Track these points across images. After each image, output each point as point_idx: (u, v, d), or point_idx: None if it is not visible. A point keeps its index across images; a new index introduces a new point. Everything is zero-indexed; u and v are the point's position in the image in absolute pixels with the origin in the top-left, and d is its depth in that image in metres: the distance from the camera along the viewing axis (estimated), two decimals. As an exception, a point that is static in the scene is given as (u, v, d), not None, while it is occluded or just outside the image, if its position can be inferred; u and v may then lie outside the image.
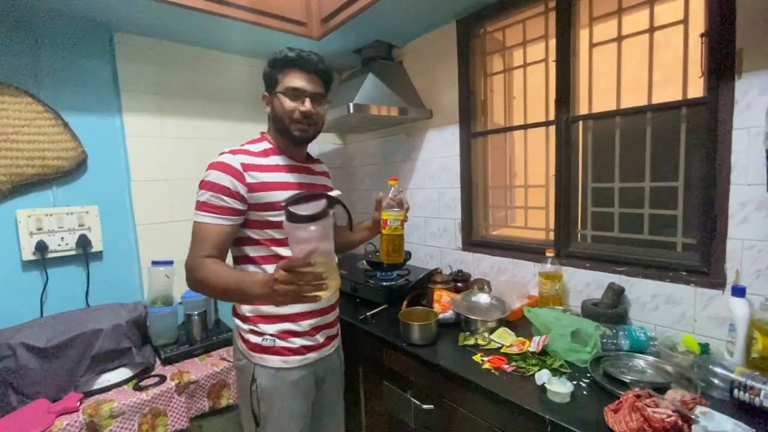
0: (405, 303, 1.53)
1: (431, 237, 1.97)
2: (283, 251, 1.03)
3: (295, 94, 1.02)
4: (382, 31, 1.81)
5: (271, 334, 1.04)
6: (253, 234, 1.03)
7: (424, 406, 1.22)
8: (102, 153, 1.62)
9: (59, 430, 1.17)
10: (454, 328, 1.37)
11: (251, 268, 1.05)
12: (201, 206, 0.96)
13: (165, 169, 1.78)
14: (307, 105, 1.03)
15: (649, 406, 0.85)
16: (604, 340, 1.17)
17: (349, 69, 2.28)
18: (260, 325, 1.05)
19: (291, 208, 0.78)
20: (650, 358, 1.08)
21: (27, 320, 1.42)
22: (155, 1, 1.36)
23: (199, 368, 1.49)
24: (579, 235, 1.49)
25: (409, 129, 2.02)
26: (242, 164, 0.98)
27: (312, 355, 1.10)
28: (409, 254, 1.85)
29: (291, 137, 1.06)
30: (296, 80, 1.02)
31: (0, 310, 1.41)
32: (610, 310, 1.27)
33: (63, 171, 1.52)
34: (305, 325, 1.07)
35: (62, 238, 1.53)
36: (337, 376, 1.24)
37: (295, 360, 1.06)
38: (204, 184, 0.97)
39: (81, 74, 1.57)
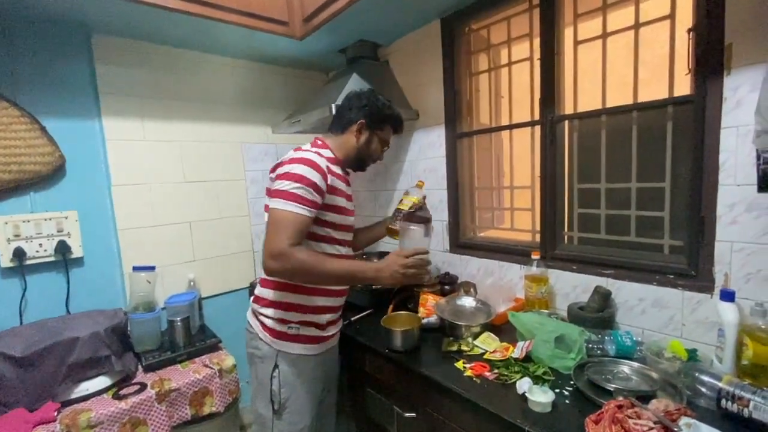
0: (390, 307, 1.51)
1: (420, 239, 1.94)
2: (328, 248, 1.14)
3: (386, 145, 1.26)
4: (365, 30, 1.77)
5: (296, 323, 1.14)
6: (312, 228, 1.10)
7: (406, 414, 1.19)
8: (81, 157, 1.59)
9: (34, 441, 1.15)
10: (438, 332, 1.34)
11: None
12: (289, 196, 1.01)
13: (147, 172, 1.75)
14: (383, 155, 1.28)
15: (630, 417, 0.82)
16: (590, 345, 1.14)
17: (335, 69, 2.25)
18: (288, 314, 1.14)
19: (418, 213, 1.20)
20: (636, 365, 1.04)
21: (5, 328, 1.40)
22: (132, 3, 1.33)
23: (181, 375, 1.47)
24: (565, 236, 1.46)
25: (396, 129, 1.99)
26: (327, 167, 1.08)
27: (326, 344, 1.22)
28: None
29: (359, 166, 1.25)
30: (390, 137, 1.26)
31: (-24, 319, 1.39)
32: (597, 314, 1.24)
33: (40, 176, 1.50)
34: (324, 318, 1.18)
35: (40, 244, 1.50)
36: (337, 367, 1.36)
37: (314, 347, 1.17)
38: (293, 176, 1.02)
39: (58, 77, 1.54)
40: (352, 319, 1.51)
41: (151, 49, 1.75)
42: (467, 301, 1.43)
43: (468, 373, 1.09)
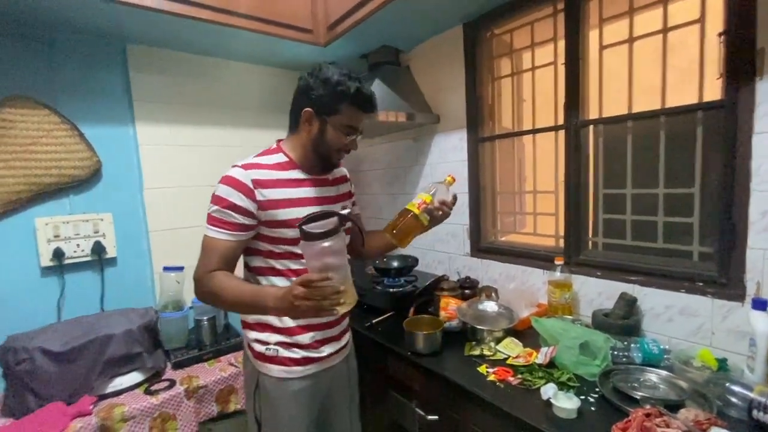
0: (412, 311, 1.52)
1: (439, 242, 1.95)
2: (294, 266, 1.02)
3: (351, 132, 1.02)
4: (388, 36, 1.80)
5: (274, 344, 1.05)
6: (266, 247, 1.02)
7: (429, 417, 1.20)
8: (116, 162, 1.67)
9: (73, 432, 1.21)
10: (460, 336, 1.35)
11: (262, 280, 1.05)
12: (210, 220, 0.96)
13: (177, 176, 1.82)
14: (356, 143, 1.05)
15: (659, 426, 0.81)
16: (615, 353, 1.13)
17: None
18: (264, 335, 1.06)
19: (305, 227, 0.82)
20: (663, 373, 1.03)
21: (45, 325, 1.47)
22: (165, 14, 1.39)
23: (208, 373, 1.51)
24: (590, 242, 1.45)
25: (416, 134, 2.00)
26: (253, 180, 0.96)
27: (313, 367, 1.08)
28: (416, 260, 1.83)
29: (327, 164, 1.06)
30: (356, 120, 1.01)
31: (20, 315, 1.47)
32: (622, 321, 1.23)
33: (79, 180, 1.57)
34: (307, 337, 1.06)
35: (78, 244, 1.58)
36: (345, 386, 1.22)
37: (296, 370, 1.06)
38: (213, 198, 0.97)
39: (95, 86, 1.62)
40: (374, 321, 1.53)
41: (181, 57, 1.81)
42: (489, 306, 1.43)
43: (491, 377, 1.09)
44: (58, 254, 1.53)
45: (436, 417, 1.19)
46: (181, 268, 1.70)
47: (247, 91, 2.02)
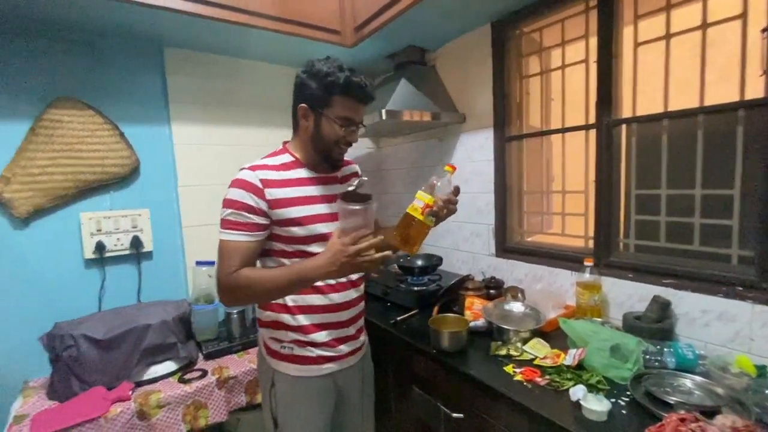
0: (436, 309, 1.53)
1: (464, 242, 1.95)
2: None
3: (347, 124, 1.01)
4: (415, 35, 1.81)
5: (289, 342, 1.06)
6: (279, 247, 1.04)
7: (454, 415, 1.21)
8: (153, 160, 1.74)
9: (114, 416, 1.28)
10: (485, 336, 1.35)
11: None
12: (226, 224, 0.97)
13: (208, 174, 1.88)
14: (356, 135, 1.04)
15: (694, 432, 0.80)
16: (647, 357, 1.11)
17: (381, 74, 2.30)
18: (279, 333, 1.07)
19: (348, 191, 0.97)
20: (698, 379, 1.00)
21: (87, 314, 1.56)
22: (201, 18, 1.44)
23: (238, 364, 1.57)
24: (621, 244, 1.42)
25: (441, 133, 2.00)
26: (261, 180, 0.98)
27: (330, 366, 1.09)
28: (440, 259, 1.84)
29: (328, 159, 1.05)
30: (351, 111, 1.00)
31: (66, 304, 1.56)
32: (655, 325, 1.20)
33: (119, 177, 1.66)
34: (323, 335, 1.07)
35: (118, 239, 1.66)
36: (361, 387, 1.22)
37: (312, 369, 1.07)
38: (226, 202, 0.97)
39: (135, 87, 1.70)
40: (398, 319, 1.54)
41: (214, 59, 1.88)
42: (515, 306, 1.42)
43: (518, 377, 1.09)
44: (99, 247, 1.62)
45: (462, 415, 1.19)
46: (212, 263, 1.76)
47: (275, 92, 2.07)
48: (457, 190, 1.04)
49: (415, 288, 1.68)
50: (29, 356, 1.46)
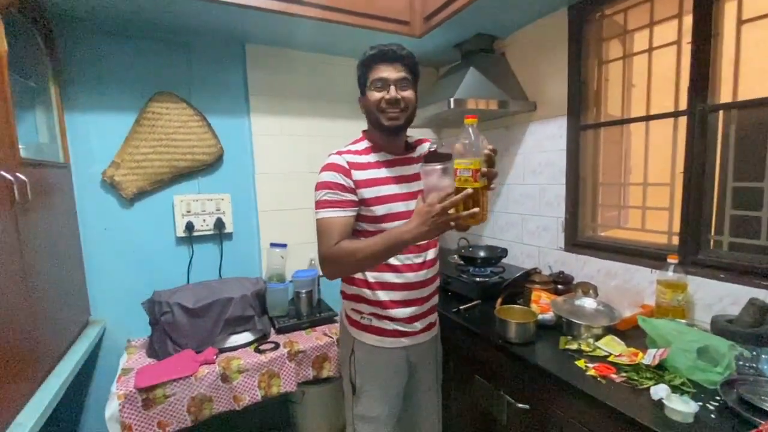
0: (499, 300, 1.52)
1: (529, 235, 1.89)
2: None
3: (381, 84, 1.07)
4: (485, 23, 1.77)
5: (368, 314, 1.16)
6: (363, 227, 1.11)
7: (519, 405, 1.20)
8: (234, 149, 1.90)
9: (202, 376, 1.44)
10: (552, 330, 1.32)
11: None
12: (322, 204, 1.06)
13: (283, 163, 2.01)
14: (392, 92, 1.06)
15: (799, 443, 0.73)
16: (740, 363, 1.02)
17: (447, 64, 2.28)
18: (361, 305, 1.17)
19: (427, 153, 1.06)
20: (802, 390, 0.91)
21: (178, 285, 1.75)
22: (280, 14, 1.53)
23: (306, 340, 1.68)
24: (712, 241, 1.30)
25: (508, 122, 1.96)
26: (348, 163, 1.08)
27: (404, 341, 1.18)
28: (504, 251, 1.81)
29: (383, 128, 1.09)
30: (380, 72, 1.07)
31: (162, 275, 1.77)
32: (751, 330, 1.09)
33: (206, 164, 1.83)
34: (399, 311, 1.14)
35: (204, 220, 1.84)
36: (431, 366, 1.29)
37: (388, 341, 1.16)
38: (320, 185, 1.07)
39: (220, 82, 1.86)
40: (461, 308, 1.55)
41: (289, 54, 1.99)
42: (587, 302, 1.37)
43: (591, 372, 1.06)
44: (189, 227, 1.80)
45: (527, 406, 1.18)
46: (284, 245, 1.89)
47: (346, 84, 2.12)
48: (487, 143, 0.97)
49: (478, 279, 1.68)
50: (132, 318, 1.68)
